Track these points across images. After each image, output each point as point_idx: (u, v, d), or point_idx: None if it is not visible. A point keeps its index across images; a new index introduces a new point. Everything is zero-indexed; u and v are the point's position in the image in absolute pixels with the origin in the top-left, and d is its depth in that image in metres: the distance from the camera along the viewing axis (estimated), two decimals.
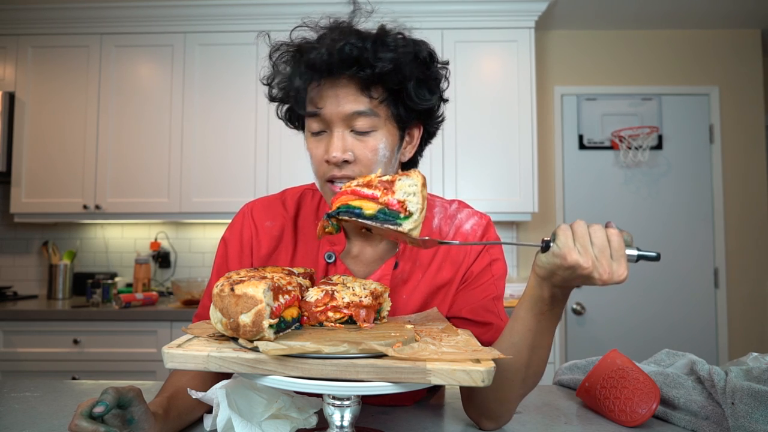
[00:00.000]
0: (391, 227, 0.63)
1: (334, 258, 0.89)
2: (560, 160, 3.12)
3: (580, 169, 3.12)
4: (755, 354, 0.87)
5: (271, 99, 0.85)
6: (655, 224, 3.07)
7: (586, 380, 0.92)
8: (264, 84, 0.85)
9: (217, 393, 0.69)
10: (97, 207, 2.72)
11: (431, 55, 0.81)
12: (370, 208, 0.64)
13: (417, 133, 0.87)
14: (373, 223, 0.65)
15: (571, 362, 1.06)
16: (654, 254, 0.63)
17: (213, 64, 2.77)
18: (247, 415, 0.68)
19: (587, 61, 3.15)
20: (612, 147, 3.10)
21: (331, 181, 0.79)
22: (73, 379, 1.75)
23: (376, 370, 0.55)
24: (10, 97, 2.76)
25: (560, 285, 0.66)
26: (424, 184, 0.64)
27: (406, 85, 0.78)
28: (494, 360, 0.57)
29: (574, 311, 3.05)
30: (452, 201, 0.96)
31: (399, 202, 0.62)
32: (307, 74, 0.76)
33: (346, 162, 0.77)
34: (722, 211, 3.06)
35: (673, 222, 3.08)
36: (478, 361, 0.57)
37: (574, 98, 3.14)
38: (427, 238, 0.68)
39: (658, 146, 3.09)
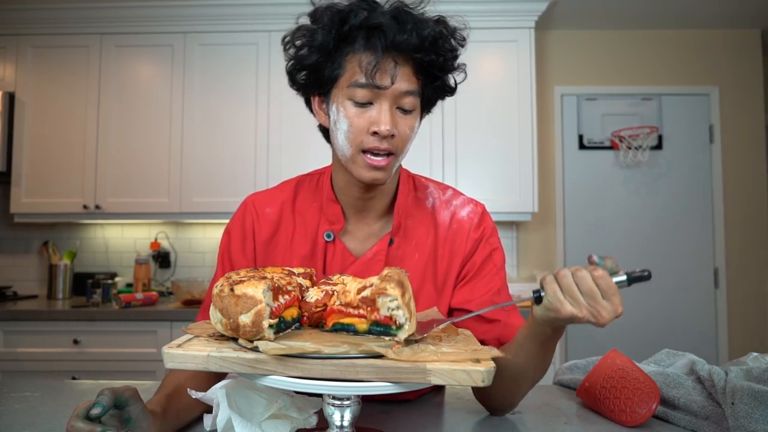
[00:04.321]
0: (387, 339, 0.63)
1: (333, 236, 0.90)
2: (560, 160, 3.12)
3: (580, 169, 3.11)
4: (755, 354, 0.87)
5: (298, 60, 0.83)
6: (655, 224, 3.07)
7: (586, 380, 0.92)
8: (301, 41, 0.82)
9: (217, 393, 0.69)
10: (97, 207, 2.72)
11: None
12: (362, 323, 0.64)
13: (424, 114, 0.90)
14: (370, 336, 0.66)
15: (571, 362, 1.06)
16: (645, 273, 0.64)
17: (213, 64, 2.77)
18: (247, 415, 0.68)
19: (587, 61, 3.15)
20: (612, 147, 3.10)
21: (367, 152, 0.80)
22: (73, 379, 1.75)
23: (376, 370, 0.55)
24: (10, 97, 2.76)
25: (561, 325, 0.72)
26: (403, 290, 0.62)
27: (448, 76, 0.86)
28: (496, 359, 0.57)
29: None
30: (447, 187, 0.98)
31: (386, 317, 0.62)
32: (384, 50, 0.77)
33: (391, 136, 0.79)
34: (722, 211, 3.06)
35: (673, 222, 3.08)
36: (478, 361, 0.57)
37: (574, 98, 3.14)
38: (425, 335, 0.66)
39: (658, 146, 3.09)
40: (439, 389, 1.04)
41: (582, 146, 3.12)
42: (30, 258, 3.08)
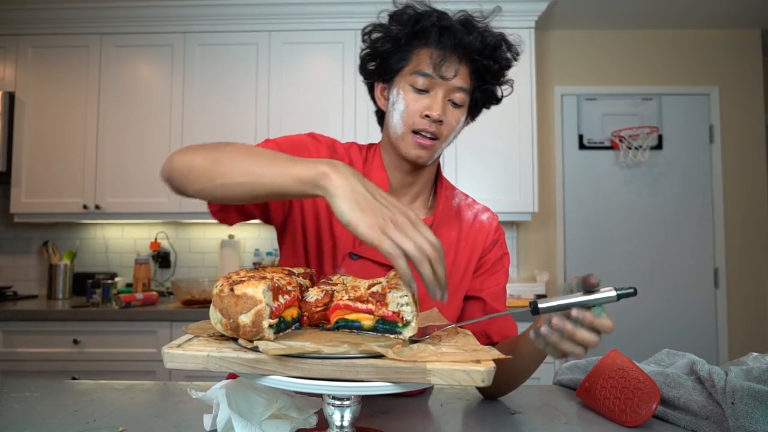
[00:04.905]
0: (391, 336, 0.64)
1: None
2: (560, 160, 3.12)
3: (580, 169, 3.12)
4: (755, 354, 0.87)
5: (375, 48, 0.95)
6: (655, 224, 3.07)
7: (586, 380, 0.92)
8: (379, 32, 0.95)
9: (217, 393, 0.69)
10: (97, 207, 2.72)
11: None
12: (367, 320, 0.66)
13: (468, 120, 1.01)
14: (374, 334, 0.66)
15: (571, 362, 1.06)
16: (631, 290, 0.66)
17: (213, 64, 2.77)
18: (247, 415, 0.68)
19: (587, 61, 3.15)
20: (612, 147, 3.10)
21: (416, 132, 0.91)
22: (73, 379, 1.75)
23: (376, 370, 0.55)
24: (10, 97, 2.76)
25: None
26: (412, 290, 0.64)
27: (498, 85, 0.97)
28: (496, 360, 0.57)
29: None
30: (467, 194, 1.10)
31: (394, 313, 0.64)
32: (452, 47, 0.89)
33: (440, 122, 0.90)
34: (722, 211, 3.06)
35: (673, 222, 3.08)
36: (478, 361, 0.57)
37: (574, 98, 3.14)
38: (427, 338, 0.67)
39: (658, 146, 3.09)
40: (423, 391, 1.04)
41: (582, 146, 3.12)
42: (30, 258, 3.08)
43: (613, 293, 0.66)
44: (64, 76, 2.79)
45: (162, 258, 3.01)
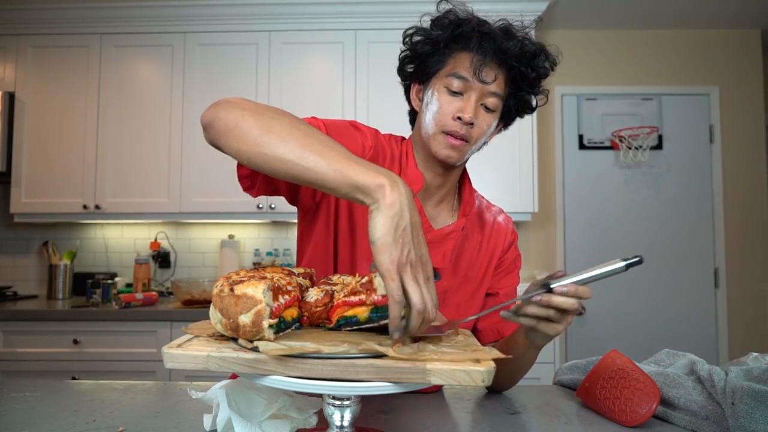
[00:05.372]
0: (387, 321, 0.63)
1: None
2: (560, 160, 3.12)
3: (580, 169, 3.12)
4: (755, 354, 0.87)
5: (414, 50, 0.97)
6: (655, 224, 3.07)
7: (586, 380, 0.92)
8: (414, 31, 0.97)
9: (217, 393, 0.69)
10: (97, 207, 2.72)
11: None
12: (362, 312, 0.65)
13: (500, 126, 1.03)
14: (372, 325, 0.66)
15: (571, 362, 1.06)
16: (638, 259, 0.72)
17: (213, 64, 2.77)
18: (247, 415, 0.68)
19: (587, 61, 3.15)
20: (612, 147, 3.10)
21: (448, 133, 0.92)
22: (73, 379, 1.75)
23: (376, 370, 0.55)
24: (10, 97, 2.76)
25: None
26: None
27: (533, 94, 0.98)
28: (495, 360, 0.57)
29: None
30: (480, 195, 1.13)
31: (384, 296, 0.63)
32: (491, 52, 0.91)
33: (471, 124, 0.91)
34: (722, 211, 3.06)
35: (673, 222, 3.08)
36: (478, 361, 0.57)
37: (574, 98, 3.14)
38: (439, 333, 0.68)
39: (658, 146, 3.09)
40: (439, 389, 1.04)
41: (582, 146, 3.12)
42: (30, 258, 3.08)
43: (622, 264, 0.71)
44: (64, 76, 2.79)
45: (162, 258, 3.01)
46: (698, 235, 3.07)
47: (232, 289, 0.60)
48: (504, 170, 2.71)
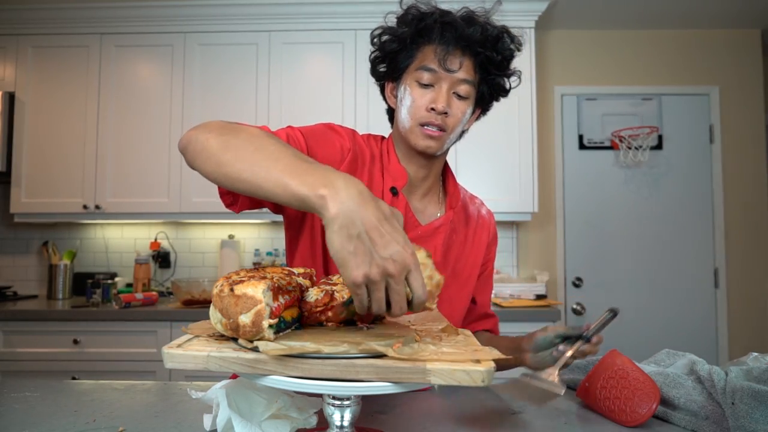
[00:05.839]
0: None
1: (397, 192, 0.99)
2: (560, 160, 3.12)
3: (580, 169, 3.12)
4: (755, 354, 0.87)
5: (383, 49, 1.00)
6: (655, 224, 3.07)
7: (586, 380, 0.92)
8: (381, 28, 1.00)
9: (217, 393, 0.69)
10: (97, 207, 2.72)
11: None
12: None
13: (477, 113, 1.05)
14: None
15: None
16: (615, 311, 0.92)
17: (213, 64, 2.77)
18: (247, 415, 0.68)
19: (587, 61, 3.15)
20: (612, 147, 3.10)
21: (424, 125, 0.95)
22: (73, 379, 1.75)
23: (376, 370, 0.55)
24: (10, 97, 2.76)
25: None
26: None
27: (502, 76, 1.00)
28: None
29: (574, 311, 3.05)
30: (464, 188, 1.15)
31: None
32: (454, 41, 0.93)
33: (445, 114, 0.93)
34: (722, 211, 3.06)
35: (673, 222, 3.08)
36: (478, 361, 0.57)
37: (574, 98, 3.14)
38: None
39: (658, 146, 3.09)
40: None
41: (582, 146, 3.12)
42: (30, 258, 3.08)
43: (610, 314, 0.90)
44: (64, 76, 2.79)
45: (162, 258, 3.01)
46: (698, 235, 3.07)
47: (232, 289, 0.60)
48: (504, 170, 2.71)
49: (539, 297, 2.63)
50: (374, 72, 1.04)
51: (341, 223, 0.55)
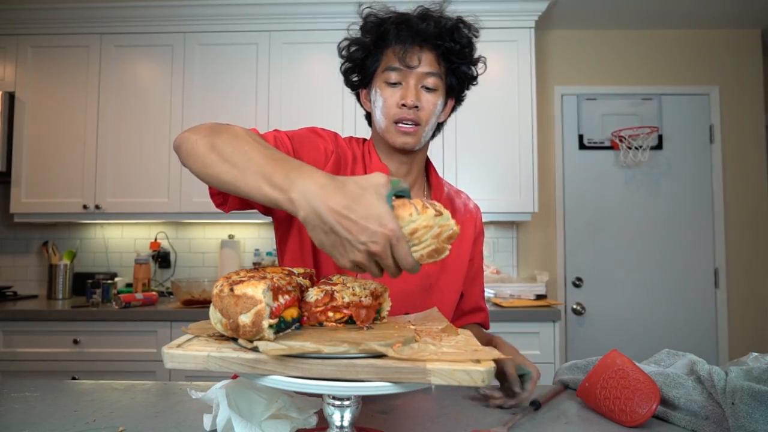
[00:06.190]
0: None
1: None
2: (560, 160, 3.12)
3: (580, 169, 3.12)
4: (755, 354, 0.87)
5: (351, 59, 1.04)
6: (655, 224, 3.07)
7: (586, 380, 0.92)
8: (347, 40, 1.05)
9: (217, 393, 0.69)
10: (97, 207, 2.72)
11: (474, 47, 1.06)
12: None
13: (450, 104, 1.08)
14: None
15: (571, 362, 1.06)
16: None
17: (213, 64, 2.77)
18: (247, 415, 0.68)
19: (587, 61, 3.15)
20: (612, 147, 3.10)
21: (398, 122, 0.98)
22: (73, 379, 1.75)
23: (376, 370, 0.55)
24: (10, 97, 2.76)
25: None
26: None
27: (465, 63, 1.02)
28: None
29: (574, 311, 3.05)
30: (447, 182, 1.18)
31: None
32: (410, 38, 0.97)
33: (416, 107, 0.97)
34: (722, 211, 3.06)
35: (673, 222, 3.08)
36: (478, 361, 0.57)
37: (574, 98, 3.14)
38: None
39: (658, 146, 3.09)
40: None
41: (582, 146, 3.12)
42: (30, 258, 3.08)
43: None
44: (64, 76, 2.79)
45: (162, 258, 3.01)
46: (698, 235, 3.07)
47: (232, 289, 0.60)
48: (504, 170, 2.70)
49: (539, 297, 2.63)
50: (348, 83, 1.09)
51: (312, 223, 0.59)
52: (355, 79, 1.07)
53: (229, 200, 0.88)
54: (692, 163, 3.09)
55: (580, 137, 3.12)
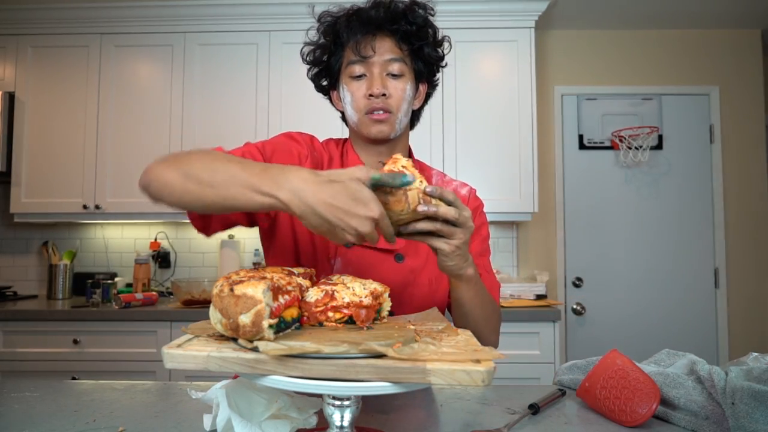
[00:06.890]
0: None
1: None
2: (560, 160, 3.12)
3: (580, 169, 3.12)
4: (755, 354, 0.87)
5: (315, 62, 1.06)
6: (655, 224, 3.07)
7: (586, 380, 0.92)
8: (308, 45, 1.06)
9: (217, 393, 0.69)
10: (97, 207, 2.72)
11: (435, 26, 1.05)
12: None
13: (423, 89, 1.06)
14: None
15: (571, 362, 1.06)
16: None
17: (213, 64, 2.77)
18: (247, 415, 0.68)
19: (587, 61, 3.15)
20: (612, 147, 3.10)
21: (369, 112, 0.97)
22: (73, 379, 1.75)
23: (376, 370, 0.55)
24: (10, 97, 2.76)
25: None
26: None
27: (427, 44, 1.01)
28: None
29: (574, 311, 3.05)
30: (438, 171, 1.14)
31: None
32: (362, 27, 0.96)
33: (384, 95, 0.96)
34: (722, 211, 3.06)
35: (673, 222, 3.08)
36: (478, 361, 0.57)
37: (574, 98, 3.14)
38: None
39: (658, 146, 3.09)
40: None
41: (582, 146, 3.12)
42: (30, 258, 3.08)
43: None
44: (64, 76, 2.79)
45: (162, 258, 3.01)
46: (698, 235, 3.07)
47: (232, 289, 0.60)
48: (504, 170, 2.70)
49: (539, 297, 2.63)
50: (318, 88, 1.10)
51: (307, 216, 0.66)
52: (325, 83, 1.08)
53: (211, 224, 0.90)
54: (692, 163, 3.09)
55: (580, 137, 3.12)
